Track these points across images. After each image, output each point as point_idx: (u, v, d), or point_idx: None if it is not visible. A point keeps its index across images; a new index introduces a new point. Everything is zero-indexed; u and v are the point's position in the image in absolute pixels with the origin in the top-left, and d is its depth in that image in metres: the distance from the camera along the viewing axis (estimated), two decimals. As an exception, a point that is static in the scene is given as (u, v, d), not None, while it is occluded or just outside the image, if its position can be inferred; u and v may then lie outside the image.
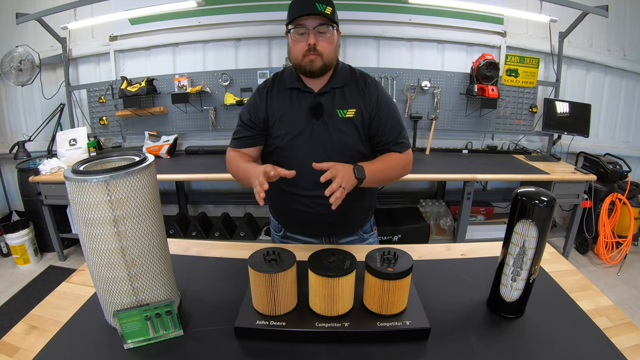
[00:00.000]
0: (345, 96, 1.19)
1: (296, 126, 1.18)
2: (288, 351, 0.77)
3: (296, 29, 1.10)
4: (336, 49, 1.17)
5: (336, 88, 1.19)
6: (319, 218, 1.24)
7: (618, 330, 0.83)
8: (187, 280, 1.01)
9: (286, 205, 1.28)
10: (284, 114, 1.19)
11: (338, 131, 1.17)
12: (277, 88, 1.22)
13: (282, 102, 1.20)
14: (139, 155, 0.82)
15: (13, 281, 2.66)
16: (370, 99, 1.19)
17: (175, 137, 3.05)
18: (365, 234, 1.38)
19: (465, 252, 1.19)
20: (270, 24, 2.91)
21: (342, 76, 1.20)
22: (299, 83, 1.19)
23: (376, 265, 0.81)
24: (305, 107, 1.18)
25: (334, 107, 1.17)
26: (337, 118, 1.17)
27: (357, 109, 1.18)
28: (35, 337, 0.82)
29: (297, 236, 1.35)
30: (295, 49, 1.13)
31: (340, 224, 1.29)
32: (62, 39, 2.92)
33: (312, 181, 1.18)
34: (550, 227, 0.81)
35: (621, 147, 3.25)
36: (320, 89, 1.18)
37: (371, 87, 1.21)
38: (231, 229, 2.93)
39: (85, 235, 0.74)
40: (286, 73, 1.24)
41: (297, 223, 1.32)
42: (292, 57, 1.15)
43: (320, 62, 1.12)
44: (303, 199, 1.22)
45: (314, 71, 1.13)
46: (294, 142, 1.18)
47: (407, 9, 2.85)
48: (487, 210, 3.20)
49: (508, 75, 2.95)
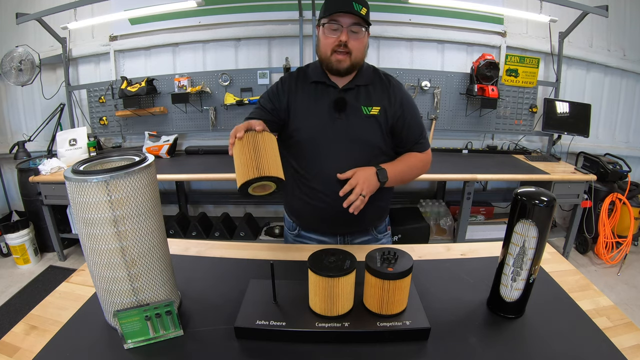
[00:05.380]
0: (370, 94, 1.20)
1: (318, 120, 1.18)
2: (288, 351, 0.77)
3: (330, 24, 1.11)
4: (365, 50, 1.17)
5: (361, 86, 1.20)
6: (336, 215, 1.22)
7: (618, 330, 0.83)
8: (187, 280, 1.01)
9: (301, 200, 1.27)
10: (306, 107, 1.19)
11: (360, 127, 1.18)
12: (302, 81, 1.22)
13: (305, 95, 1.20)
14: (139, 155, 0.82)
15: (13, 281, 2.66)
16: (394, 99, 1.20)
17: (175, 137, 3.05)
18: (380, 234, 1.37)
19: (465, 252, 1.19)
20: (270, 24, 2.91)
21: (366, 75, 1.21)
22: (324, 77, 1.20)
23: (376, 265, 0.81)
24: (328, 101, 1.18)
25: (358, 104, 1.18)
26: (361, 114, 1.18)
27: (382, 107, 1.19)
28: (35, 337, 0.82)
29: (311, 235, 1.34)
30: (326, 43, 1.13)
31: (356, 222, 1.27)
32: (62, 39, 2.92)
33: (330, 176, 1.19)
34: (550, 227, 0.81)
35: (621, 147, 3.25)
36: (344, 85, 1.19)
37: (395, 88, 1.22)
38: (231, 229, 2.93)
39: (85, 235, 0.74)
40: (311, 67, 1.24)
41: (312, 219, 1.31)
42: (321, 51, 1.16)
43: (348, 62, 1.13)
44: (319, 194, 1.22)
45: (341, 70, 1.14)
46: (315, 136, 1.19)
47: (407, 9, 2.85)
48: (487, 210, 3.20)
49: (508, 75, 2.95)
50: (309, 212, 1.29)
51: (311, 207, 1.26)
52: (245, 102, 2.92)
